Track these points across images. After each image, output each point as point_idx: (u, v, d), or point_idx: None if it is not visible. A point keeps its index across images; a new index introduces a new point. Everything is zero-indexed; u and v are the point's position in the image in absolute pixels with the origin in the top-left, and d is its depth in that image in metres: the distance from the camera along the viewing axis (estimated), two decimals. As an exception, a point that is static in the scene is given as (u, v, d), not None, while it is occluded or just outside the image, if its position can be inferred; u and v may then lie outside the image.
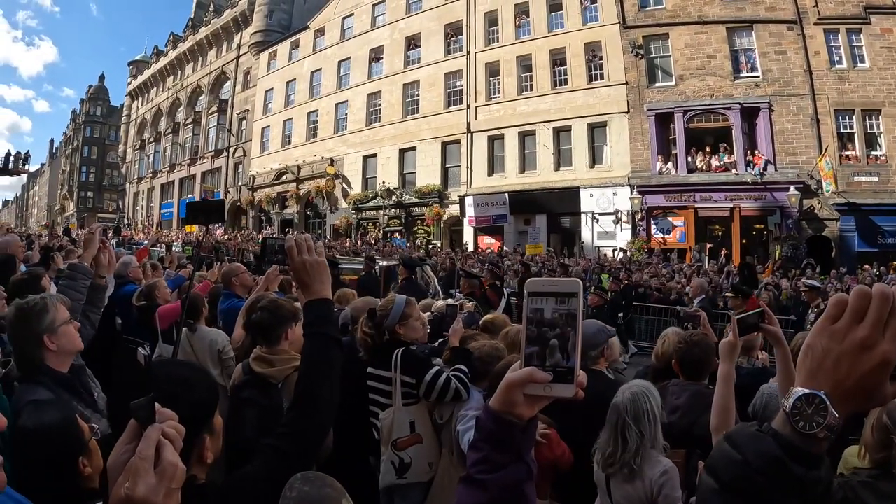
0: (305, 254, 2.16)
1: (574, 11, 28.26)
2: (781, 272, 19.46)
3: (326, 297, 2.19)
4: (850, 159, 23.71)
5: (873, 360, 0.89)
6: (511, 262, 20.81)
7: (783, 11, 24.83)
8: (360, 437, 4.17)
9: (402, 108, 32.99)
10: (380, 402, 4.12)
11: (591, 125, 26.95)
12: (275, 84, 40.87)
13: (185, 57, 50.72)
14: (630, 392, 3.20)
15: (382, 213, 32.57)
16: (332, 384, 2.10)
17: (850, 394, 0.91)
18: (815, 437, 0.90)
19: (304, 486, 1.84)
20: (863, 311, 0.90)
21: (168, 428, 1.22)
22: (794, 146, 23.80)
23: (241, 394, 3.30)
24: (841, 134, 23.88)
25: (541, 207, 27.46)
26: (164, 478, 1.16)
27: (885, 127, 23.49)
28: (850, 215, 22.89)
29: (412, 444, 3.93)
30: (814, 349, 0.94)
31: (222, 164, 44.32)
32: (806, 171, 23.22)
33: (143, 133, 55.85)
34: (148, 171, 53.73)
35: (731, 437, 0.98)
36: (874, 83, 23.76)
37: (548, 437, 3.52)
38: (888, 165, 23.26)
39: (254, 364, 3.39)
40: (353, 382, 4.03)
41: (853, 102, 23.78)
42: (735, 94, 24.73)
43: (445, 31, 32.16)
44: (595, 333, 4.07)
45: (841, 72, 24.14)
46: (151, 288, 6.02)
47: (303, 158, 37.09)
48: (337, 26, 37.39)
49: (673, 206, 24.84)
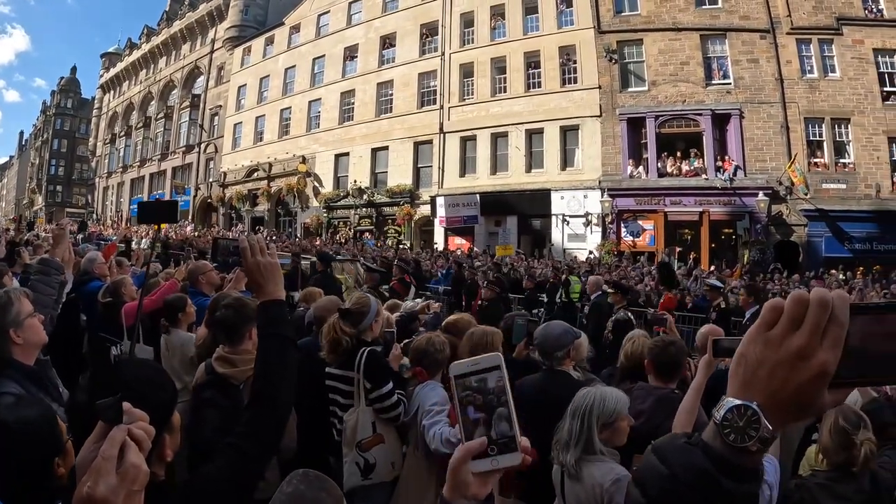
0: (259, 255, 2.18)
1: (549, 15, 28.27)
2: (749, 276, 19.60)
3: (280, 299, 2.21)
4: (819, 166, 24.00)
5: (810, 370, 0.83)
6: (481, 262, 20.73)
7: (756, 20, 25.15)
8: (320, 438, 4.20)
9: (376, 108, 32.73)
10: (339, 402, 4.16)
11: (564, 128, 26.93)
12: (248, 80, 40.36)
13: (159, 50, 49.96)
14: (585, 390, 3.23)
15: (353, 213, 32.28)
16: (288, 385, 2.13)
17: (784, 405, 0.86)
18: (748, 451, 0.86)
19: (301, 484, 1.86)
20: (800, 318, 0.84)
21: (136, 429, 1.21)
22: (763, 153, 24.06)
23: (203, 394, 3.28)
24: (810, 141, 24.19)
25: (512, 209, 27.39)
26: (125, 479, 1.15)
27: (854, 135, 23.84)
28: (818, 221, 23.23)
29: (376, 444, 3.96)
30: (747, 358, 0.89)
31: (193, 160, 43.67)
32: (775, 178, 23.50)
33: (113, 127, 54.89)
34: (118, 165, 52.76)
35: (659, 450, 0.94)
36: (844, 92, 24.12)
37: None
38: (856, 173, 23.58)
39: (216, 364, 3.36)
40: (312, 383, 4.10)
41: (823, 111, 24.13)
42: (707, 100, 24.93)
43: (421, 31, 31.98)
44: (560, 335, 4.18)
45: (812, 81, 24.48)
46: (118, 285, 6.03)
47: (275, 156, 36.64)
48: (312, 23, 37.05)
49: (643, 209, 24.94)
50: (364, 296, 4.51)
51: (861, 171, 23.53)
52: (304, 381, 3.89)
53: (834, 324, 0.83)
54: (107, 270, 7.24)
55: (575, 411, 3.12)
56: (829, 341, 0.83)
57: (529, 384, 4.17)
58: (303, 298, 6.52)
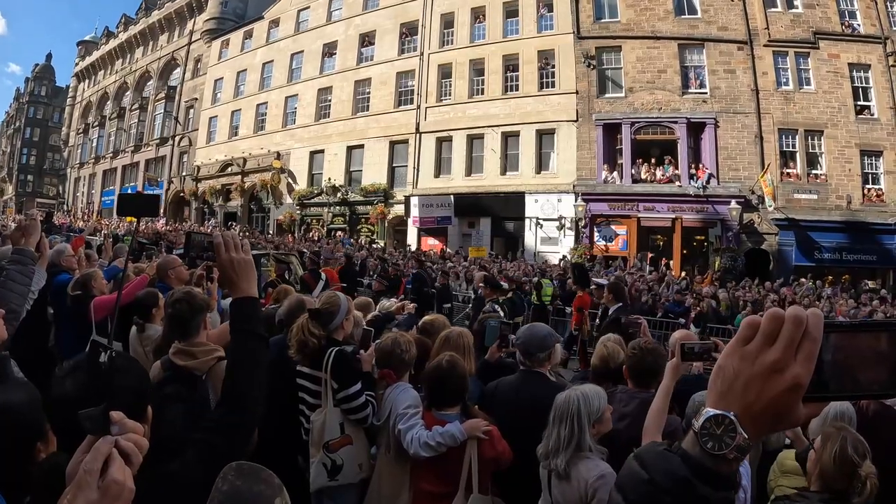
0: (233, 252, 2.16)
1: (530, 19, 28.30)
2: (720, 283, 20.03)
3: (253, 296, 2.20)
4: (791, 177, 24.36)
5: (784, 383, 0.87)
6: (453, 263, 20.73)
7: (735, 32, 25.43)
8: (288, 437, 4.19)
9: (353, 105, 32.50)
10: (307, 401, 4.14)
11: (540, 132, 26.96)
12: (225, 73, 39.90)
13: (136, 40, 49.26)
14: (566, 394, 3.26)
15: (327, 210, 32.02)
16: (259, 381, 2.13)
17: (760, 415, 0.89)
18: (725, 458, 0.89)
19: (238, 479, 1.76)
20: (774, 334, 0.88)
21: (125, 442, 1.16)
22: (737, 162, 24.33)
23: (165, 390, 3.14)
24: (783, 152, 24.54)
25: (485, 211, 27.36)
26: (106, 495, 1.09)
27: (827, 147, 24.20)
28: (789, 230, 23.56)
29: (343, 445, 3.95)
30: (724, 370, 0.92)
31: (167, 153, 43.05)
32: (748, 187, 23.78)
33: (87, 117, 54.04)
34: (90, 156, 51.91)
35: (640, 456, 0.98)
36: (818, 105, 24.48)
37: (490, 433, 3.62)
38: (827, 184, 23.95)
39: (176, 358, 3.30)
40: (281, 381, 4.05)
41: (797, 122, 24.45)
42: (682, 108, 25.10)
43: (400, 30, 31.82)
44: (546, 337, 4.19)
45: (787, 93, 24.84)
46: (87, 278, 5.90)
47: (249, 151, 36.23)
48: (292, 18, 36.71)
49: (616, 214, 25.07)
50: (334, 295, 4.45)
51: (832, 183, 23.89)
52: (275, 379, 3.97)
53: (808, 340, 0.87)
54: (75, 263, 7.10)
55: (562, 416, 3.16)
56: (802, 356, 0.87)
57: (506, 386, 4.20)
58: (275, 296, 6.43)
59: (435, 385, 3.83)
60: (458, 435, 3.58)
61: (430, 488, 3.71)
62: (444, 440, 3.57)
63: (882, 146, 23.99)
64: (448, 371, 3.76)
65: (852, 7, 25.37)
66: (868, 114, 24.46)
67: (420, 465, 3.71)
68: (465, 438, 3.59)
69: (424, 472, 3.74)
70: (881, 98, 24.37)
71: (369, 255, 21.33)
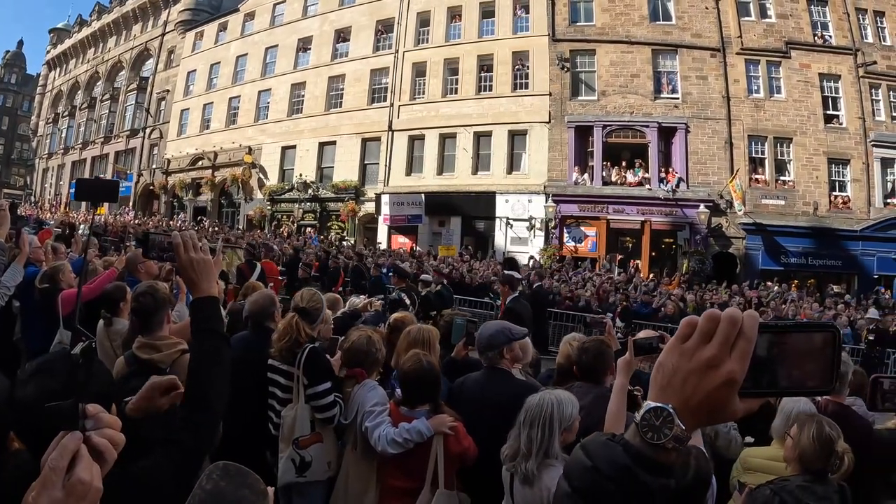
0: (192, 252, 2.18)
1: (505, 20, 28.30)
2: (687, 285, 20.42)
3: (214, 295, 2.23)
4: (760, 183, 24.71)
5: (719, 378, 0.92)
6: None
7: (708, 39, 25.72)
8: (256, 432, 4.20)
9: (326, 101, 32.20)
10: (278, 395, 4.18)
11: (512, 132, 26.97)
12: (198, 66, 39.34)
13: (109, 29, 48.45)
14: (540, 397, 3.26)
15: (297, 207, 31.68)
16: (222, 379, 2.18)
17: (697, 408, 0.95)
18: (664, 448, 0.95)
19: (222, 480, 1.73)
20: (711, 333, 0.93)
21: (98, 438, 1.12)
22: (706, 166, 24.56)
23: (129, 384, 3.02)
24: (753, 158, 24.92)
25: (456, 210, 27.28)
26: (72, 495, 1.04)
27: (795, 154, 24.62)
28: (756, 235, 23.88)
29: (314, 442, 3.98)
30: (664, 366, 0.98)
31: (137, 145, 42.36)
32: (716, 191, 24.04)
33: (57, 106, 53.09)
34: (60, 146, 50.99)
35: (585, 445, 1.04)
36: (788, 113, 24.90)
37: (455, 429, 3.69)
38: (795, 190, 24.38)
39: (140, 352, 3.32)
40: (249, 377, 4.14)
41: (766, 130, 24.82)
42: (654, 113, 25.28)
43: (376, 27, 31.57)
44: (492, 335, 4.22)
45: (757, 100, 25.20)
46: (55, 271, 5.94)
47: (220, 145, 35.68)
48: (268, 12, 36.27)
49: (586, 216, 25.18)
50: (316, 293, 4.52)
51: (800, 189, 24.31)
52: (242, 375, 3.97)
53: (742, 338, 0.92)
54: (42, 255, 7.09)
55: (534, 420, 3.16)
56: (737, 353, 0.92)
57: (471, 382, 4.26)
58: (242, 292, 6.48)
59: (412, 384, 3.87)
60: (424, 431, 3.64)
61: (397, 484, 3.77)
62: (411, 436, 3.63)
63: (849, 155, 24.46)
64: (427, 372, 3.81)
65: (825, 19, 25.82)
66: (837, 123, 24.90)
67: (387, 460, 3.76)
68: (432, 434, 3.65)
69: (391, 468, 3.80)
70: (850, 108, 24.83)
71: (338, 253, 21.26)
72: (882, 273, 23.68)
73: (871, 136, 24.40)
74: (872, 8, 25.79)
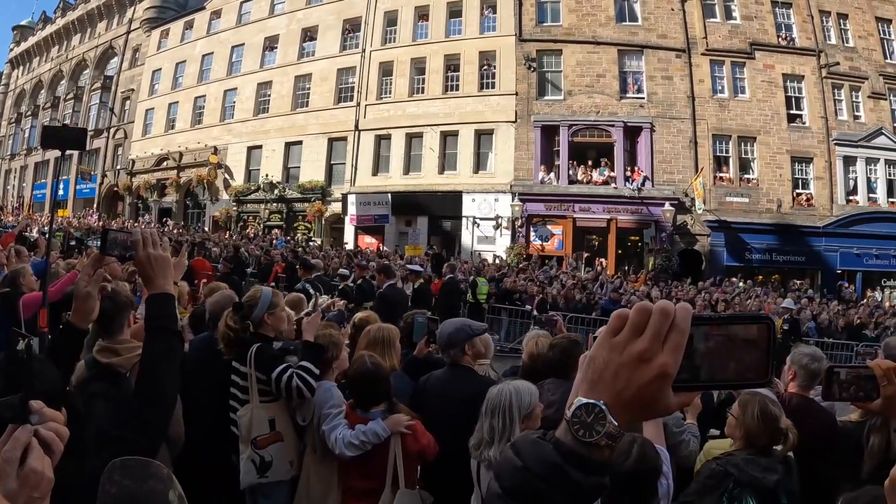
0: (151, 248, 2.17)
1: (473, 20, 28.34)
2: (653, 282, 20.66)
3: (169, 292, 2.22)
4: (724, 181, 25.13)
5: (651, 371, 0.90)
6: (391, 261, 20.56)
7: (673, 40, 26.02)
8: (220, 434, 4.16)
9: (292, 101, 31.88)
10: (238, 396, 4.15)
11: (478, 132, 27.02)
12: (164, 64, 38.67)
13: (74, 26, 47.44)
14: (499, 387, 3.33)
15: (264, 207, 31.33)
16: (172, 377, 2.18)
17: (629, 404, 0.92)
18: (596, 445, 0.91)
19: (125, 478, 1.59)
20: (642, 326, 0.91)
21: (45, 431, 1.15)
22: (671, 165, 24.87)
23: (89, 389, 3.15)
24: (717, 157, 25.34)
25: (423, 209, 27.19)
26: (26, 484, 1.09)
27: (759, 153, 25.10)
28: (721, 232, 24.30)
29: (273, 442, 3.96)
30: (595, 360, 0.95)
31: (101, 146, 41.50)
32: (681, 189, 24.33)
33: (20, 105, 51.86)
34: (22, 147, 49.89)
35: (515, 445, 1.00)
36: (752, 113, 25.34)
37: (412, 428, 3.71)
38: (759, 188, 24.90)
39: (100, 356, 3.25)
40: (212, 378, 4.18)
41: (731, 129, 25.20)
42: (620, 112, 25.51)
43: (343, 26, 31.35)
44: (453, 332, 4.28)
45: (722, 100, 25.59)
46: (16, 274, 5.84)
47: (186, 145, 35.11)
48: (234, 10, 35.80)
49: (552, 214, 25.32)
50: (256, 288, 4.52)
51: (764, 187, 24.81)
52: (204, 375, 4.17)
53: (675, 331, 0.89)
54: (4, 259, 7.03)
55: (494, 409, 3.20)
56: (669, 346, 0.89)
57: (434, 380, 4.29)
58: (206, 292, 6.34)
59: (359, 387, 3.89)
60: (380, 432, 3.64)
61: (358, 485, 3.79)
62: (367, 438, 3.63)
63: (812, 153, 24.96)
64: (373, 373, 3.81)
65: (789, 21, 26.31)
66: (800, 122, 25.42)
67: (348, 462, 3.75)
68: (389, 434, 3.66)
69: (352, 470, 3.80)
70: (813, 107, 25.30)
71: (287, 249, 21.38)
72: (845, 268, 24.43)
73: (833, 134, 24.93)
74: (836, 10, 26.32)
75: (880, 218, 24.58)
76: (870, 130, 25.23)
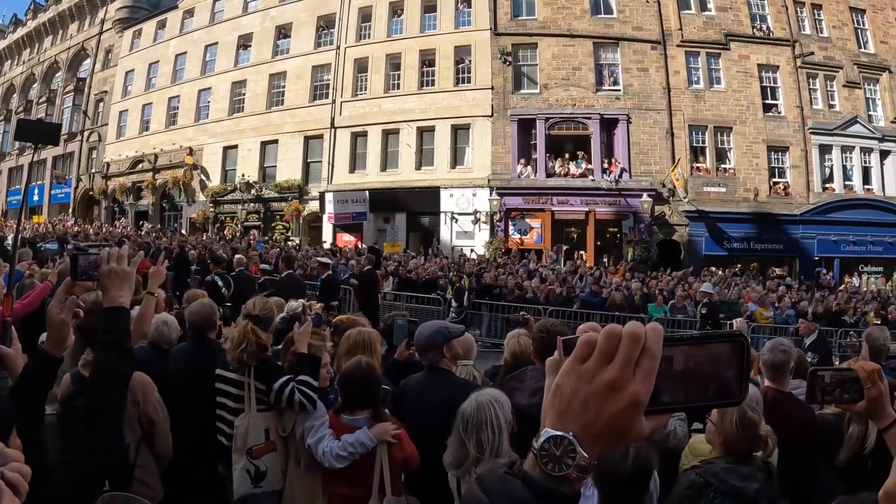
0: (114, 262, 2.15)
1: (448, 14, 28.20)
2: (632, 273, 20.54)
3: (121, 305, 2.17)
4: (701, 171, 25.31)
5: (622, 400, 0.85)
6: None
7: (649, 32, 26.09)
8: (207, 445, 4.16)
9: (267, 99, 31.56)
10: (228, 405, 4.13)
11: (455, 127, 26.92)
12: (137, 65, 38.09)
13: (45, 28, 46.67)
14: (476, 401, 3.17)
15: (241, 207, 31.03)
16: (119, 395, 2.13)
17: (600, 434, 0.87)
18: (566, 478, 0.87)
19: None
20: (612, 352, 0.86)
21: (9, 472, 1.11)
22: (648, 156, 24.97)
23: (74, 403, 3.14)
24: (693, 147, 25.48)
25: (401, 206, 27.07)
26: None
27: (735, 143, 25.30)
28: (699, 222, 24.50)
29: (268, 451, 3.95)
30: (562, 390, 0.90)
31: (75, 149, 40.86)
32: (659, 180, 24.46)
33: (-8, 110, 51.35)
34: (-4, 152, 49.32)
35: (481, 479, 0.96)
36: (728, 103, 25.52)
37: (398, 436, 3.69)
38: (736, 178, 25.11)
39: (84, 370, 3.33)
40: (196, 389, 4.20)
41: (707, 119, 25.36)
42: (596, 105, 25.56)
43: (318, 23, 31.08)
44: (430, 336, 4.21)
45: (698, 91, 25.74)
46: None
47: (161, 147, 34.63)
48: (207, 9, 35.31)
49: (531, 208, 25.31)
50: (268, 301, 4.56)
51: (741, 176, 25.05)
52: (188, 387, 4.21)
53: (646, 356, 0.84)
54: None
55: (480, 424, 3.06)
56: (641, 373, 0.84)
57: (413, 384, 4.25)
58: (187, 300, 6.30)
59: (352, 387, 3.83)
60: (367, 442, 3.63)
61: (344, 492, 3.76)
62: (355, 449, 3.62)
63: (788, 142, 25.21)
64: (367, 373, 3.78)
65: (763, 11, 26.52)
66: (775, 112, 25.64)
67: (333, 470, 3.73)
68: (376, 444, 3.64)
69: (338, 479, 3.77)
70: (788, 97, 25.50)
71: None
72: (822, 255, 24.74)
73: (808, 123, 25.18)
74: (810, 1, 26.59)
75: (856, 205, 24.91)
76: (844, 119, 25.51)
